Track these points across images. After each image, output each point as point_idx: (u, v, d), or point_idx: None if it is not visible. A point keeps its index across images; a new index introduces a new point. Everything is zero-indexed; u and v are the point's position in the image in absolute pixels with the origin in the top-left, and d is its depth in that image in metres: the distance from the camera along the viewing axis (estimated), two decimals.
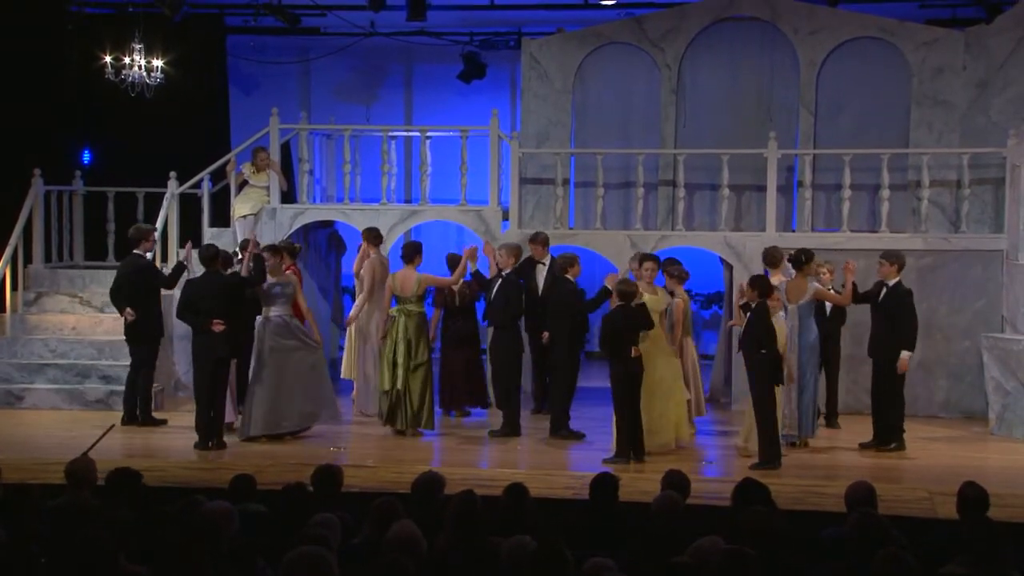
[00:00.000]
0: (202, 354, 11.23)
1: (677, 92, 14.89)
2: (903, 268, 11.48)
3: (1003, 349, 12.36)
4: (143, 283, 12.36)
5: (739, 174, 14.28)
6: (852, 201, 13.70)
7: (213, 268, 11.38)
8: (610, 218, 14.70)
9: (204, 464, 10.56)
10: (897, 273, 11.39)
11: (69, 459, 7.44)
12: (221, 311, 11.11)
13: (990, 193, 14.06)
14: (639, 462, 10.52)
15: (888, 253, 11.52)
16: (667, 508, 6.63)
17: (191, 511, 6.17)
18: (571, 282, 11.87)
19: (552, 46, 15.20)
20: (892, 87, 14.50)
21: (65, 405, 13.12)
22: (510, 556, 5.57)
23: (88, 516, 6.27)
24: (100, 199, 14.91)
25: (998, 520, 6.24)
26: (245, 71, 18.63)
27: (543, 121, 15.12)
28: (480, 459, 11.08)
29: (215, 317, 11.08)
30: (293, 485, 6.81)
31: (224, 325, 11.07)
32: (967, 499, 6.92)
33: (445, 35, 18.17)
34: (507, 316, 11.93)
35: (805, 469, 10.49)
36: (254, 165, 14.36)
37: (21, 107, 15.42)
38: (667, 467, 7.66)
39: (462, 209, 14.35)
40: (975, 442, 12.05)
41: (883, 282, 11.46)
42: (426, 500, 6.82)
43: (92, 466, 7.29)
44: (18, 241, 14.01)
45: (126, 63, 14.83)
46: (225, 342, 11.13)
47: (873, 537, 5.83)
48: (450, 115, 17.27)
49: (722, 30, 14.86)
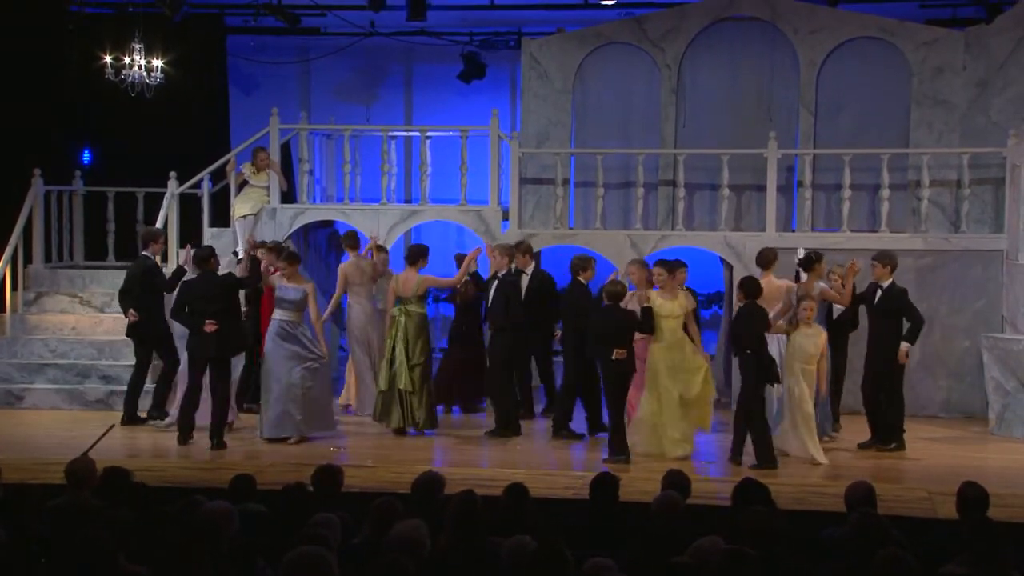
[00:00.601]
0: (194, 353, 11.31)
1: (677, 92, 14.89)
2: (896, 269, 11.48)
3: (1003, 349, 12.36)
4: (148, 285, 12.40)
5: (739, 174, 14.28)
6: (852, 201, 13.70)
7: (208, 269, 11.41)
8: (610, 218, 14.70)
9: (204, 464, 10.55)
10: (890, 274, 11.40)
11: (69, 459, 7.44)
12: (214, 312, 11.14)
13: (990, 193, 14.06)
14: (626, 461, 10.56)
15: (880, 255, 11.51)
16: (667, 508, 6.62)
17: (191, 511, 6.17)
18: (583, 284, 11.88)
19: (552, 46, 15.20)
20: (892, 87, 14.51)
21: (65, 405, 13.12)
22: (510, 556, 5.57)
23: (88, 516, 6.27)
24: (100, 199, 14.91)
25: (998, 520, 6.23)
26: (245, 71, 18.63)
27: (543, 121, 15.13)
28: (480, 459, 11.07)
29: (208, 318, 11.11)
30: (293, 485, 6.82)
31: (216, 326, 11.11)
32: (967, 499, 6.92)
33: (445, 35, 18.17)
34: (505, 318, 11.95)
35: (805, 469, 10.49)
36: (254, 165, 14.36)
37: (21, 107, 15.41)
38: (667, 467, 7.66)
39: (462, 209, 14.35)
40: (975, 442, 12.04)
41: (877, 284, 11.47)
42: (426, 500, 6.82)
43: (92, 466, 7.28)
44: (18, 241, 14.02)
45: (126, 63, 14.83)
46: (216, 342, 11.15)
47: (873, 537, 5.84)
48: (450, 115, 17.26)
49: (722, 30, 14.86)
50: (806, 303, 10.74)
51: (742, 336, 10.63)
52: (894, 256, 11.56)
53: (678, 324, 10.93)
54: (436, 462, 10.78)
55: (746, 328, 10.58)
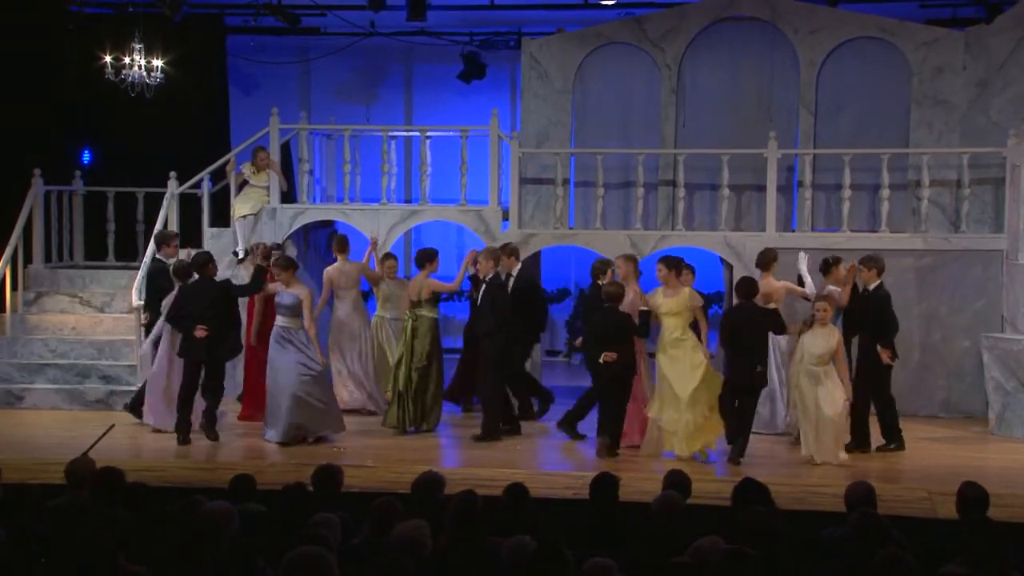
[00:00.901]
0: (186, 356, 11.45)
1: (677, 92, 14.89)
2: (883, 272, 11.43)
3: (1003, 349, 12.36)
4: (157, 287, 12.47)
5: (739, 174, 14.28)
6: (852, 201, 13.70)
7: (205, 274, 11.49)
8: (610, 218, 14.70)
9: (204, 464, 10.56)
10: (878, 277, 11.36)
11: (69, 459, 7.44)
12: (209, 317, 11.24)
13: (990, 193, 14.06)
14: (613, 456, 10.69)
15: (866, 259, 11.45)
16: (667, 508, 6.62)
17: (191, 511, 6.17)
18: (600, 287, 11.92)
19: (552, 46, 15.20)
20: (892, 87, 14.50)
21: (65, 405, 13.12)
22: (510, 556, 5.57)
23: (88, 516, 6.27)
24: (100, 199, 14.91)
25: (998, 520, 6.23)
26: (245, 71, 18.63)
27: (543, 121, 15.12)
28: (480, 459, 11.06)
29: (202, 323, 11.20)
30: (293, 485, 6.82)
31: (207, 332, 11.21)
32: (967, 499, 6.92)
33: (445, 35, 18.17)
34: (494, 321, 11.99)
35: (805, 469, 10.49)
36: (254, 165, 14.36)
37: (21, 107, 15.41)
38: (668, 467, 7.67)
39: (462, 209, 14.35)
40: (975, 442, 12.04)
41: (865, 287, 11.46)
42: (426, 500, 6.82)
43: (92, 466, 7.29)
44: (18, 241, 14.01)
45: (126, 63, 14.83)
46: (207, 347, 11.26)
47: (873, 537, 5.84)
48: (450, 115, 17.27)
49: (722, 30, 14.86)
50: (820, 303, 10.73)
51: (747, 335, 10.60)
52: (881, 260, 11.47)
53: (679, 321, 10.92)
54: (436, 462, 10.78)
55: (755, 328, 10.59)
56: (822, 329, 10.66)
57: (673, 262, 11.20)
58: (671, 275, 11.06)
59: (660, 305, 10.98)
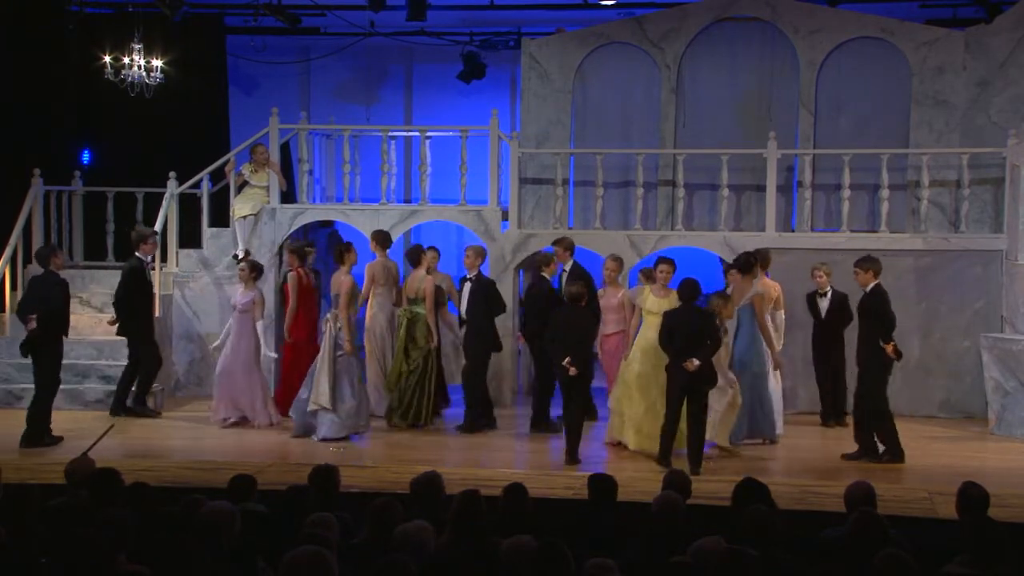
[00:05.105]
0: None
1: (677, 92, 14.90)
2: (880, 272, 11.21)
3: (1003, 349, 12.36)
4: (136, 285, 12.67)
5: (739, 174, 14.29)
6: (852, 201, 13.70)
7: (47, 267, 11.65)
8: (610, 218, 14.70)
9: (204, 464, 10.55)
10: (875, 277, 11.14)
11: (69, 459, 7.44)
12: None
13: (990, 193, 14.06)
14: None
15: (861, 261, 11.22)
16: (667, 508, 6.62)
17: (191, 511, 6.17)
18: (546, 280, 12.10)
19: (552, 46, 15.20)
20: (892, 87, 14.51)
21: (65, 405, 13.08)
22: (510, 556, 5.57)
23: (87, 516, 6.27)
24: (100, 199, 14.90)
25: (998, 520, 6.23)
26: (245, 71, 18.62)
27: (543, 121, 15.13)
28: (480, 459, 11.07)
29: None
30: (293, 485, 6.82)
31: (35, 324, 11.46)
32: (967, 499, 6.92)
33: (445, 35, 18.18)
34: (479, 317, 12.10)
35: (805, 469, 10.49)
36: (253, 161, 14.35)
37: (21, 107, 15.40)
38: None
39: (462, 209, 14.35)
40: (975, 442, 12.04)
41: (863, 289, 11.40)
42: (426, 500, 6.81)
43: (92, 466, 7.29)
44: (18, 241, 14.00)
45: (126, 63, 14.83)
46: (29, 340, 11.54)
47: (873, 537, 5.84)
48: (450, 115, 17.27)
49: (722, 30, 14.87)
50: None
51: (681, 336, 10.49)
52: (877, 261, 11.21)
53: None
54: (436, 462, 10.76)
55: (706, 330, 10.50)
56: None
57: (673, 263, 11.34)
58: (668, 277, 11.23)
59: (651, 305, 11.06)
